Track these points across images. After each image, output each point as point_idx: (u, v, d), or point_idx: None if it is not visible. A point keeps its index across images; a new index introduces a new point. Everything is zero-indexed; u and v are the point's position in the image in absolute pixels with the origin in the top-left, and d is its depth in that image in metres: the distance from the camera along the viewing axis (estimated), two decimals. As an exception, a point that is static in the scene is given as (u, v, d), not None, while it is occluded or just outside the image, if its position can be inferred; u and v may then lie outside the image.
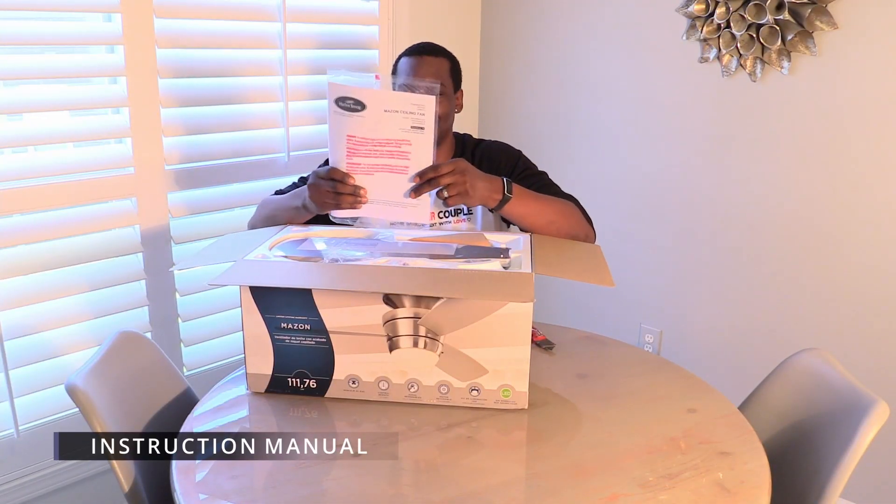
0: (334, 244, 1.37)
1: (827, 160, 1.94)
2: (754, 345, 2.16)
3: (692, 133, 2.18)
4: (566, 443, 1.13)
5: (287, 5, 2.01)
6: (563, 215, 1.48)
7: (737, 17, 1.96)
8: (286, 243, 1.37)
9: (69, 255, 1.75)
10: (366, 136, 1.33)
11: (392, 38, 2.31)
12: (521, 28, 2.52)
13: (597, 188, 2.41)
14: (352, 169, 1.35)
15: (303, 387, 1.23)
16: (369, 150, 1.34)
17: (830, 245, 1.97)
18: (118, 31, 1.72)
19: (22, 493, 1.75)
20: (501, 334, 1.16)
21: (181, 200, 1.93)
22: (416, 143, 1.33)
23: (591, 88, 2.39)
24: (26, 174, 1.66)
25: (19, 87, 1.71)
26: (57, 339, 1.75)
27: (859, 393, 1.16)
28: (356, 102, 1.31)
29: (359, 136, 1.33)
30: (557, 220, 1.47)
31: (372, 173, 1.35)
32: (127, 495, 1.12)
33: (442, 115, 1.55)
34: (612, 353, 1.48)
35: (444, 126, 1.58)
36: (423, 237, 1.42)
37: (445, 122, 1.57)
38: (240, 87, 2.01)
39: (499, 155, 1.62)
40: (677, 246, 2.28)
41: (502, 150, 1.64)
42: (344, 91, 1.31)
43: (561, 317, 2.58)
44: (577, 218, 1.51)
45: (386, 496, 0.99)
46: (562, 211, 1.49)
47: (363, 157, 1.34)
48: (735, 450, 1.11)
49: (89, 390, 1.12)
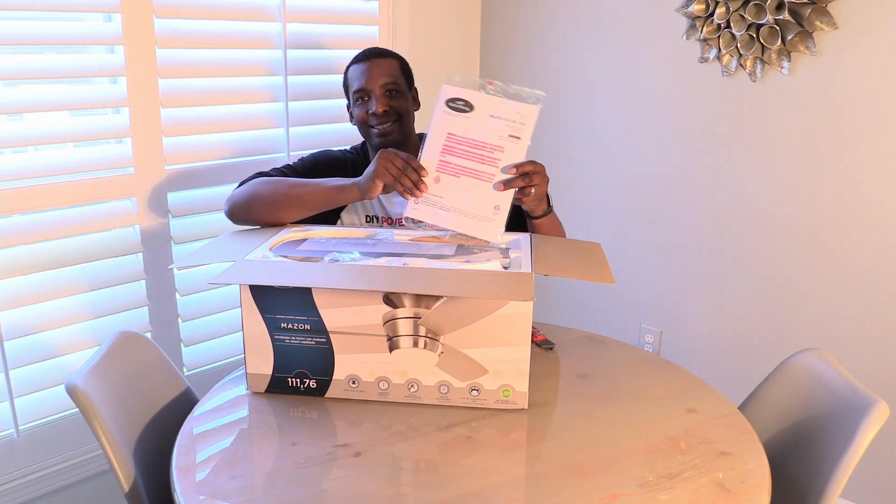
0: (334, 244, 1.37)
1: (827, 160, 1.94)
2: (754, 345, 2.16)
3: (692, 133, 2.19)
4: (566, 443, 1.13)
5: (287, 5, 2.01)
6: (563, 232, 1.56)
7: (737, 17, 1.96)
8: (286, 244, 1.37)
9: (69, 255, 1.75)
10: (465, 135, 1.37)
11: (392, 38, 2.31)
12: (521, 28, 2.52)
13: (597, 188, 2.41)
14: (442, 168, 1.38)
15: (303, 387, 1.23)
16: (464, 151, 1.37)
17: (830, 245, 1.97)
18: (118, 31, 1.72)
19: (22, 493, 1.75)
20: (501, 334, 1.16)
21: (181, 200, 1.93)
22: (508, 152, 1.36)
23: (590, 88, 2.39)
24: (26, 174, 1.66)
25: (19, 87, 1.71)
26: (57, 339, 1.75)
27: (859, 393, 1.16)
28: (466, 104, 1.36)
29: (458, 135, 1.37)
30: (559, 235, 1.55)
31: (459, 175, 1.38)
32: (127, 495, 1.13)
33: (403, 113, 1.58)
34: (613, 353, 1.48)
35: (409, 124, 1.61)
36: (423, 237, 1.42)
37: (407, 120, 1.60)
38: (240, 87, 2.01)
39: None
40: (677, 246, 2.28)
41: None
42: (456, 93, 1.36)
43: (561, 317, 2.58)
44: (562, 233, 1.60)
45: (386, 496, 0.99)
46: (562, 228, 1.57)
47: (456, 156, 1.38)
48: (735, 450, 1.11)
49: (89, 390, 1.12)
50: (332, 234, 1.43)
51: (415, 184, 1.36)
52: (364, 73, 1.57)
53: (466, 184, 1.37)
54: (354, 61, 1.61)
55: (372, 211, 1.64)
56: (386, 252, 1.32)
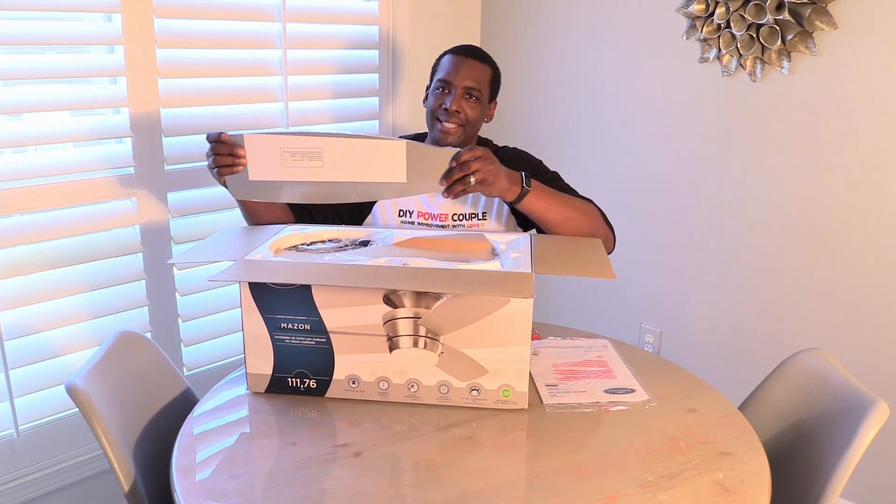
0: (334, 245, 1.37)
1: (827, 160, 1.94)
2: (754, 345, 2.16)
3: (692, 133, 2.19)
4: (566, 443, 1.13)
5: (287, 5, 2.01)
6: (582, 213, 1.48)
7: (737, 17, 1.96)
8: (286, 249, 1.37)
9: (69, 255, 1.75)
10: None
11: (392, 38, 2.31)
12: (521, 28, 2.52)
13: (597, 188, 2.41)
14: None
15: (303, 387, 1.23)
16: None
17: (830, 245, 1.97)
18: (118, 31, 1.73)
19: (22, 493, 1.75)
20: (501, 334, 1.16)
21: (181, 200, 1.93)
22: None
23: (590, 88, 2.39)
24: (26, 174, 1.66)
25: (19, 87, 1.71)
26: (57, 339, 1.75)
27: (859, 393, 1.16)
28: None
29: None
30: (576, 217, 1.46)
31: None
32: (127, 495, 1.12)
33: (472, 121, 1.56)
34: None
35: (472, 132, 1.59)
36: (422, 237, 1.42)
37: (474, 129, 1.58)
38: (240, 87, 2.01)
39: (517, 160, 1.63)
40: (677, 246, 2.28)
41: (521, 155, 1.66)
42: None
43: (561, 317, 2.58)
44: (596, 218, 1.50)
45: (386, 496, 0.99)
46: (580, 208, 1.48)
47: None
48: (735, 450, 1.11)
49: (89, 390, 1.12)
50: (332, 235, 1.43)
51: (232, 155, 1.35)
52: (456, 67, 1.55)
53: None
54: (453, 51, 1.59)
55: (407, 206, 1.61)
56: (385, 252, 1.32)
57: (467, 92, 1.54)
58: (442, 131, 1.55)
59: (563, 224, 1.45)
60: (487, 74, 1.58)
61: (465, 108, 1.54)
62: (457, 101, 1.53)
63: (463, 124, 1.55)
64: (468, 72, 1.54)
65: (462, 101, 1.54)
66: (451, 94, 1.54)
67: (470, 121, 1.55)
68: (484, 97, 1.57)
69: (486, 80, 1.57)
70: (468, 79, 1.54)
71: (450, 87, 1.54)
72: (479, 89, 1.55)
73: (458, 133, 1.55)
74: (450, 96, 1.54)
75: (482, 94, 1.56)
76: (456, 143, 1.56)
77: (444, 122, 1.54)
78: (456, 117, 1.54)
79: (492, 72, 1.59)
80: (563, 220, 1.45)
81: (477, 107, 1.56)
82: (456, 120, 1.54)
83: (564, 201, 1.47)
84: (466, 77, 1.54)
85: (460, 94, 1.53)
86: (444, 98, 1.55)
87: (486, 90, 1.58)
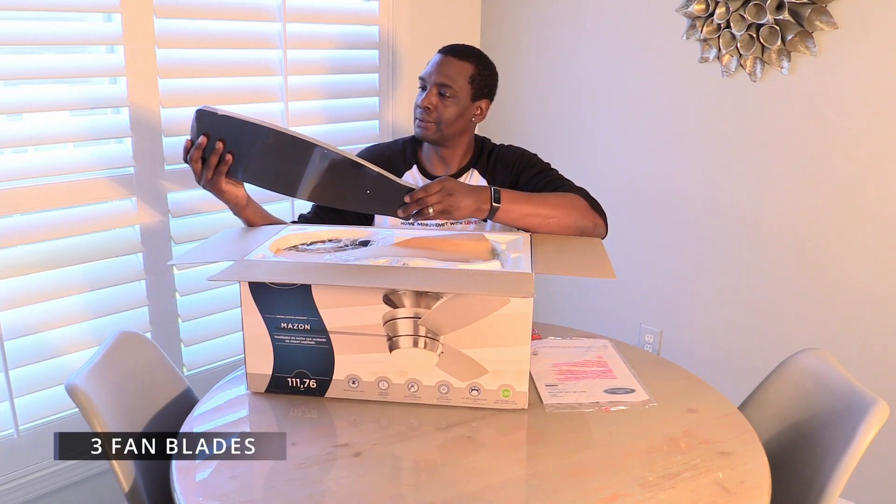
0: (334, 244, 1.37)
1: (827, 160, 1.94)
2: (754, 345, 2.16)
3: (692, 133, 2.19)
4: (566, 443, 1.13)
5: (287, 5, 2.01)
6: (561, 209, 1.47)
7: (737, 17, 1.96)
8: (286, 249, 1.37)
9: (69, 255, 1.74)
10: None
11: (392, 39, 2.31)
12: (521, 28, 2.52)
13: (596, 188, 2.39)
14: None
15: (303, 387, 1.23)
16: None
17: (830, 245, 1.97)
18: (118, 31, 1.72)
19: (22, 493, 1.75)
20: (501, 334, 1.16)
21: (181, 200, 1.93)
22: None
23: (590, 88, 2.39)
24: (26, 174, 1.66)
25: (19, 87, 1.71)
26: (57, 339, 1.75)
27: (859, 393, 1.16)
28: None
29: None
30: (556, 215, 1.46)
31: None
32: (127, 495, 1.12)
33: (445, 119, 1.56)
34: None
35: (451, 130, 1.58)
36: (422, 237, 1.42)
37: (449, 127, 1.57)
38: (240, 87, 2.01)
39: (511, 157, 1.64)
40: (677, 246, 2.28)
41: (515, 152, 1.66)
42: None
43: (561, 317, 2.58)
44: (579, 209, 1.49)
45: (386, 496, 0.99)
46: (559, 205, 1.48)
47: None
48: (735, 450, 1.11)
49: (89, 390, 1.12)
50: (332, 235, 1.43)
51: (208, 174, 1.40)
52: (433, 64, 1.58)
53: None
54: (439, 50, 1.61)
55: None
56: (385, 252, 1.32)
57: (439, 89, 1.56)
58: (418, 126, 1.59)
59: (543, 226, 1.46)
60: (466, 71, 1.57)
61: (438, 105, 1.56)
62: (427, 98, 1.56)
63: (435, 122, 1.56)
64: (442, 69, 1.56)
65: (434, 98, 1.56)
66: (427, 90, 1.57)
67: (442, 119, 1.56)
68: (461, 95, 1.57)
69: (464, 78, 1.57)
70: (441, 76, 1.56)
71: (425, 83, 1.58)
72: (452, 86, 1.55)
73: (431, 129, 1.57)
74: (424, 92, 1.57)
75: (457, 91, 1.56)
76: (432, 139, 1.58)
77: (418, 119, 1.58)
78: (428, 114, 1.56)
79: (473, 69, 1.58)
80: (542, 222, 1.46)
81: (451, 104, 1.56)
82: (428, 117, 1.56)
83: (540, 202, 1.47)
84: (440, 74, 1.56)
85: (433, 91, 1.56)
86: (422, 94, 1.58)
87: (465, 88, 1.57)
